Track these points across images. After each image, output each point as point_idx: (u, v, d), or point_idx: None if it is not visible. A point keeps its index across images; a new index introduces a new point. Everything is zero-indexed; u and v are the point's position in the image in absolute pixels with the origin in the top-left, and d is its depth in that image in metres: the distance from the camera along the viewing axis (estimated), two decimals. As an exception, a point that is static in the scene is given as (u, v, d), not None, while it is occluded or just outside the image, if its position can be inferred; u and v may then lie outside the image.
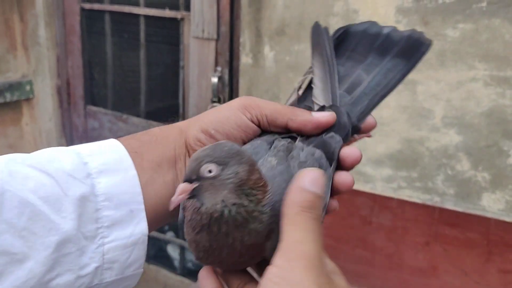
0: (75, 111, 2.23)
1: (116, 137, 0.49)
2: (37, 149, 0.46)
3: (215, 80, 1.72)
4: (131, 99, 2.15)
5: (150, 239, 0.46)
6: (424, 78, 1.40)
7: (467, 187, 1.43)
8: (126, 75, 2.20)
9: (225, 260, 0.40)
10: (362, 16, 1.44)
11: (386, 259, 1.59)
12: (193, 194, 0.38)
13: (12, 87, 2.14)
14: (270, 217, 0.39)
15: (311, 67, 0.52)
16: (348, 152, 0.47)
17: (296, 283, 0.32)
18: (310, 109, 0.50)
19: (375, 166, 1.53)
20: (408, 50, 0.52)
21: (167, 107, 2.05)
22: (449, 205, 1.46)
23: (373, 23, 0.54)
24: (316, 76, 0.51)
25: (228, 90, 1.74)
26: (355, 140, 0.50)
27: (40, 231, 0.40)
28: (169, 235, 2.21)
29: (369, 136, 0.51)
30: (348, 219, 1.62)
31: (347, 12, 1.45)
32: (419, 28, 1.31)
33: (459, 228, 1.46)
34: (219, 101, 1.74)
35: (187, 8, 1.77)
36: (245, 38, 1.63)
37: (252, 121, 0.49)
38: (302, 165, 0.43)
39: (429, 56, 1.35)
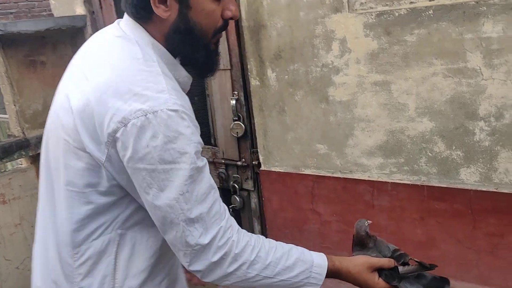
0: None
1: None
2: None
3: (233, 102, 2.07)
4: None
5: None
6: (395, 78, 1.66)
7: (446, 165, 1.66)
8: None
9: None
10: (338, 34, 1.73)
11: (391, 236, 1.83)
12: None
13: None
14: None
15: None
16: None
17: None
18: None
19: (369, 157, 1.80)
20: None
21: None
22: (435, 183, 1.70)
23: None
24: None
25: (245, 109, 2.09)
26: None
27: None
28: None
29: None
30: (354, 205, 1.89)
31: (326, 32, 1.76)
32: (383, 37, 1.70)
33: (446, 201, 1.69)
34: (239, 119, 2.09)
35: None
36: (252, 65, 1.98)
37: None
38: None
39: (396, 59, 1.64)
